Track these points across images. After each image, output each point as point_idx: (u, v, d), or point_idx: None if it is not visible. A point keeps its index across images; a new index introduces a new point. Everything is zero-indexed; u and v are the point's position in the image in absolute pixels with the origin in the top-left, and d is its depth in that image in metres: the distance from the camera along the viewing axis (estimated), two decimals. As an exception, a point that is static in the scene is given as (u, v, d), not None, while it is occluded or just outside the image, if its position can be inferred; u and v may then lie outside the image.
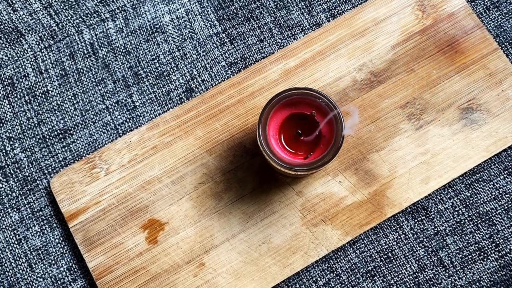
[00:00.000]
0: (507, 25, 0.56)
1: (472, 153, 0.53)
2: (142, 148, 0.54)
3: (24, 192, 0.54)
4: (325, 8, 0.57)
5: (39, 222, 0.53)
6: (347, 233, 0.52)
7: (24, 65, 0.56)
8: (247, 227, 0.52)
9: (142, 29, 0.57)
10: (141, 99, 0.56)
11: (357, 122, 0.50)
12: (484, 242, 0.52)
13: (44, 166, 0.54)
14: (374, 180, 0.53)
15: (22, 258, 0.53)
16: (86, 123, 0.55)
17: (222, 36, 0.57)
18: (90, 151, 0.55)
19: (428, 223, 0.53)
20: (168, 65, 0.56)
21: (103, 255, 0.52)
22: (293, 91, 0.45)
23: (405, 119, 0.54)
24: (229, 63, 0.56)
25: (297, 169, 0.45)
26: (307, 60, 0.55)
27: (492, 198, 0.53)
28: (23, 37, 0.57)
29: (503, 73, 0.54)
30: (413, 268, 0.52)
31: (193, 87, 0.56)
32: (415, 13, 0.56)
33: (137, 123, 0.55)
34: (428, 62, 0.55)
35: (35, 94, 0.56)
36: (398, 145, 0.53)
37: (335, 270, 0.52)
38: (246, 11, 0.57)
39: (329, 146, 0.45)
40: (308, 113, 0.48)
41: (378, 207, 0.52)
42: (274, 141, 0.47)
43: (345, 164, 0.53)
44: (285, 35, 0.57)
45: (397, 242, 0.53)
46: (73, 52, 0.56)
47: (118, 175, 0.53)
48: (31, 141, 0.55)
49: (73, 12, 0.57)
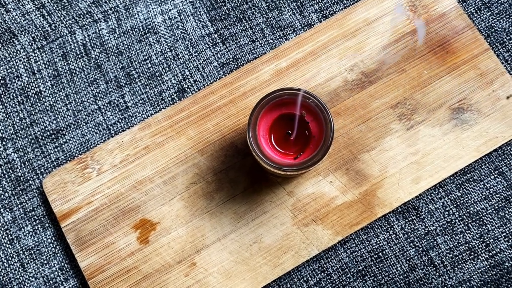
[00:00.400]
0: (498, 26, 0.57)
1: (463, 153, 0.53)
2: (134, 148, 0.54)
3: (17, 192, 0.54)
4: (317, 8, 0.57)
5: (32, 222, 0.53)
6: (337, 233, 0.52)
7: (17, 65, 0.56)
8: (238, 227, 0.52)
9: (135, 29, 0.57)
10: (133, 99, 0.56)
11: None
12: (474, 242, 0.53)
13: (37, 166, 0.54)
14: (364, 180, 0.53)
15: (14, 258, 0.53)
16: (78, 123, 0.55)
17: (214, 36, 0.57)
18: (82, 151, 0.55)
19: (419, 223, 0.53)
20: (160, 65, 0.56)
21: (95, 254, 0.52)
22: (283, 92, 0.46)
23: (396, 119, 0.54)
24: (221, 63, 0.57)
25: (286, 169, 0.45)
26: (298, 61, 0.55)
27: (482, 198, 0.53)
28: (16, 38, 0.57)
29: (494, 73, 0.55)
30: (403, 267, 0.52)
31: (185, 87, 0.56)
32: (406, 13, 0.56)
33: (129, 123, 0.55)
34: (419, 62, 0.55)
35: (28, 94, 0.56)
36: (389, 145, 0.53)
37: (326, 269, 0.52)
38: (238, 12, 0.57)
39: (319, 146, 0.46)
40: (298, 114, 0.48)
41: (368, 207, 0.52)
42: (264, 141, 0.47)
43: (336, 164, 0.53)
44: (277, 35, 0.57)
45: (387, 242, 0.53)
46: (66, 52, 0.57)
47: (110, 175, 0.53)
48: (24, 141, 0.55)
49: (65, 12, 0.58)
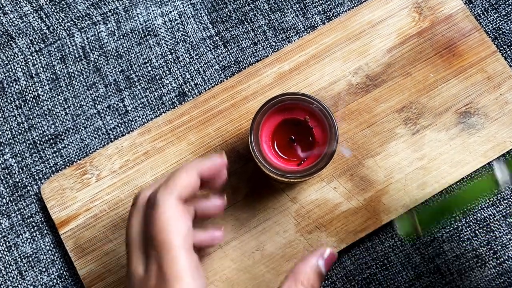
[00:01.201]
0: (505, 28, 0.55)
1: (470, 158, 0.52)
2: (134, 153, 0.53)
3: (15, 198, 0.53)
4: (320, 10, 0.56)
5: (30, 229, 0.53)
6: (342, 240, 0.51)
7: (15, 69, 0.55)
8: (240, 234, 0.51)
9: (134, 32, 0.56)
10: (133, 103, 0.55)
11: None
12: (481, 249, 0.51)
13: (35, 171, 0.53)
14: (369, 186, 0.52)
15: (12, 266, 0.52)
16: (77, 128, 0.54)
17: (216, 39, 0.56)
18: (81, 156, 0.54)
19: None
20: (160, 68, 0.55)
21: (94, 262, 0.51)
22: (286, 97, 0.45)
23: (402, 124, 0.53)
24: (222, 66, 0.55)
25: (289, 176, 0.44)
26: (301, 64, 0.54)
27: (490, 204, 0.52)
28: (13, 41, 0.56)
29: (502, 77, 0.53)
30: (409, 275, 0.51)
31: (185, 91, 0.55)
32: (412, 15, 0.55)
33: (129, 128, 0.54)
34: (425, 65, 0.54)
35: (26, 98, 0.55)
36: (394, 150, 0.52)
37: (330, 277, 0.51)
38: (240, 14, 0.56)
39: (323, 152, 0.45)
40: (301, 119, 0.47)
41: (373, 214, 0.51)
42: (267, 147, 0.46)
43: (340, 170, 0.52)
44: (280, 38, 0.56)
45: (393, 249, 0.52)
46: (64, 55, 0.56)
47: (109, 181, 0.52)
48: (22, 146, 0.54)
49: (64, 15, 0.56)
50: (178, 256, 0.37)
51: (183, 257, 0.37)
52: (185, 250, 0.38)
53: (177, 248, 0.37)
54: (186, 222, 0.39)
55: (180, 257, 0.37)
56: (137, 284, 0.38)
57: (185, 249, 0.38)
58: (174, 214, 0.38)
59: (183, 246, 0.38)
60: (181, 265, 0.37)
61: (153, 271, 0.37)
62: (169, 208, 0.38)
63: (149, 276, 0.37)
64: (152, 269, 0.37)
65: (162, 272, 0.37)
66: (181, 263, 0.37)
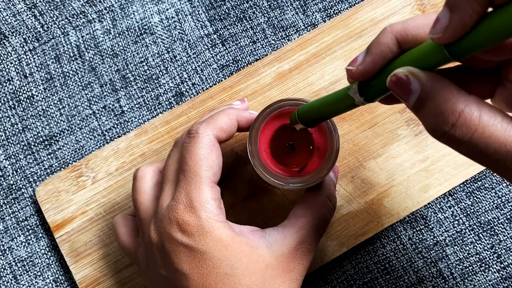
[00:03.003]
0: (511, 25, 0.54)
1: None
2: (130, 155, 0.52)
3: (9, 201, 0.52)
4: (321, 7, 0.55)
5: (24, 232, 0.52)
6: (342, 244, 0.50)
7: (8, 68, 0.54)
8: (239, 238, 0.50)
9: (130, 30, 0.55)
10: (129, 103, 0.53)
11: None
12: (485, 253, 0.50)
13: (29, 174, 0.52)
14: (371, 189, 0.51)
15: (6, 270, 0.51)
16: (72, 129, 0.53)
17: (214, 37, 0.55)
18: (76, 158, 0.53)
19: (427, 233, 0.51)
20: (157, 67, 0.54)
21: (90, 266, 0.50)
22: (285, 102, 0.43)
23: (404, 125, 0.52)
24: (220, 65, 0.54)
25: (292, 185, 0.42)
26: (301, 63, 0.53)
27: (494, 207, 0.51)
28: (7, 39, 0.55)
29: (507, 76, 0.52)
30: (411, 279, 0.50)
31: (183, 90, 0.54)
32: (415, 12, 0.53)
33: (125, 128, 0.53)
34: (428, 64, 0.52)
35: (20, 99, 0.54)
36: (396, 151, 0.51)
37: (330, 282, 0.50)
38: (239, 11, 0.55)
39: (324, 158, 0.43)
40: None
41: (375, 217, 0.50)
42: (266, 155, 0.44)
43: (341, 172, 0.51)
44: (279, 36, 0.54)
45: (394, 253, 0.51)
46: (59, 54, 0.54)
47: (106, 183, 0.51)
48: (16, 148, 0.53)
49: (58, 13, 0.55)
50: (205, 187, 0.39)
51: (210, 190, 0.40)
52: (213, 183, 0.40)
53: (207, 180, 0.40)
54: (219, 158, 0.41)
55: (207, 189, 0.39)
56: (165, 210, 0.40)
57: (213, 182, 0.40)
58: (210, 147, 0.41)
59: (212, 179, 0.40)
60: (208, 196, 0.39)
61: (181, 198, 0.39)
62: (207, 140, 0.41)
63: (177, 203, 0.39)
64: (180, 196, 0.39)
65: (190, 200, 0.39)
66: (208, 194, 0.39)
